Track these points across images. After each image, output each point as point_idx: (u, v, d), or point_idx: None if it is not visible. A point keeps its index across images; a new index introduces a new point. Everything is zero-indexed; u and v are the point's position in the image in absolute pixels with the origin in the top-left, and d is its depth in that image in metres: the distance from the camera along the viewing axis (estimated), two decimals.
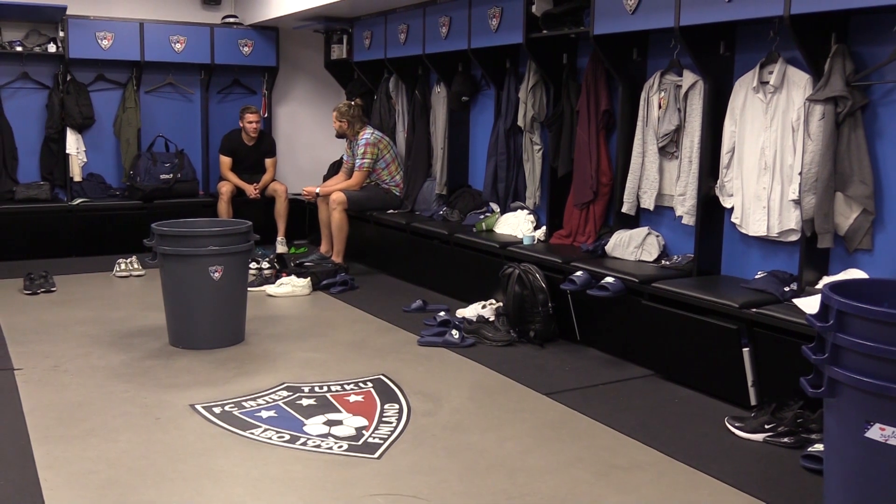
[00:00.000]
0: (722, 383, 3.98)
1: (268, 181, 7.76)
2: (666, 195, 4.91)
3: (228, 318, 4.77)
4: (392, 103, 7.45)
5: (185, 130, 8.09)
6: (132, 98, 7.68)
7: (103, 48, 7.44)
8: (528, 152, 5.89)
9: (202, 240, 4.57)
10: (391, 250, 6.84)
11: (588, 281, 4.62)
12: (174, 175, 7.62)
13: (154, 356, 4.55)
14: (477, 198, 6.48)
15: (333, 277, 6.31)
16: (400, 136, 7.35)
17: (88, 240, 7.34)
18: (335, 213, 6.74)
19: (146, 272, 6.60)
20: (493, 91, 6.33)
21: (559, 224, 5.57)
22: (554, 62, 5.51)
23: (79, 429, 3.51)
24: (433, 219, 6.59)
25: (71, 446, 3.34)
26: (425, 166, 7.02)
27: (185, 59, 7.78)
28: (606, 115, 5.22)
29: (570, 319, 4.88)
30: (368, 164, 6.90)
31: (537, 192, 5.87)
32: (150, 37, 7.59)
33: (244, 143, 7.73)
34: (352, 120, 6.95)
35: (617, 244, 4.96)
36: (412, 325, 5.23)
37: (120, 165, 7.79)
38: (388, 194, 7.04)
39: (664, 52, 4.86)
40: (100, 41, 7.42)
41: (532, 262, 5.05)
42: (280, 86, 8.53)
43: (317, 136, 8.76)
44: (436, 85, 6.96)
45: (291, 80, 8.62)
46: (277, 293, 6.05)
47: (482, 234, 5.88)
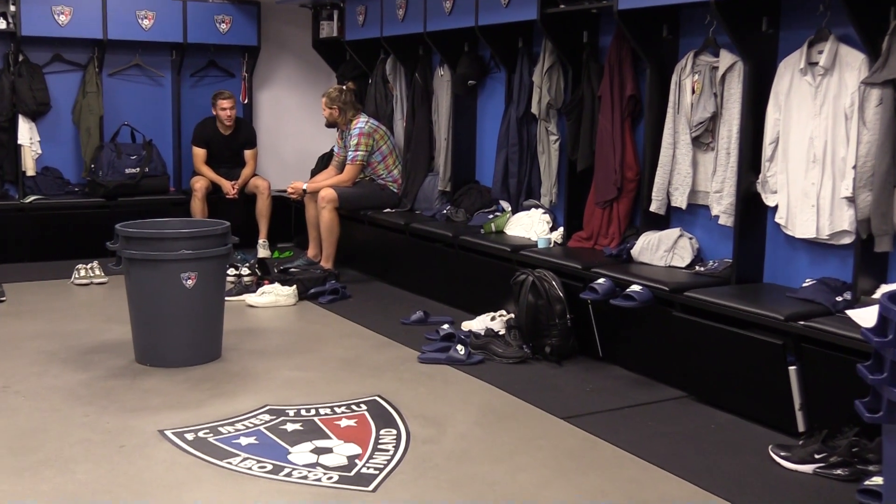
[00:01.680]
0: (765, 406, 3.97)
1: (248, 176, 7.77)
2: (700, 192, 4.90)
3: (203, 331, 4.76)
4: (389, 88, 7.46)
5: (154, 118, 8.09)
6: (93, 82, 7.68)
7: (60, 24, 7.45)
8: (543, 143, 5.88)
9: (173, 242, 4.56)
10: (388, 255, 6.83)
11: (611, 289, 4.61)
12: (141, 169, 7.63)
13: (118, 375, 4.54)
14: (485, 195, 6.47)
15: (322, 285, 6.30)
16: (398, 125, 7.35)
17: (43, 243, 7.35)
18: (324, 213, 6.74)
19: (109, 279, 6.61)
20: (503, 74, 6.33)
21: (578, 225, 5.56)
22: (572, 41, 5.50)
23: (31, 459, 3.51)
24: (435, 219, 6.59)
25: (21, 479, 3.33)
26: (426, 159, 7.02)
27: (153, 38, 7.79)
28: (632, 101, 5.21)
29: (592, 333, 4.87)
30: (362, 157, 6.90)
31: (554, 189, 5.86)
32: (113, 12, 7.60)
33: (220, 132, 7.74)
34: (343, 106, 6.96)
35: (644, 248, 4.95)
36: (412, 339, 5.23)
37: (79, 158, 7.80)
38: (384, 191, 7.04)
39: (698, 29, 4.85)
40: (56, 16, 7.43)
41: (548, 267, 5.05)
42: (262, 68, 8.54)
43: (304, 125, 8.76)
44: (439, 67, 6.96)
45: (275, 61, 8.62)
46: (259, 303, 6.05)
47: (491, 236, 5.88)
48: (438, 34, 6.53)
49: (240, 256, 6.95)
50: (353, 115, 6.98)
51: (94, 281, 6.60)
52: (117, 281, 6.06)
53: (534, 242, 5.60)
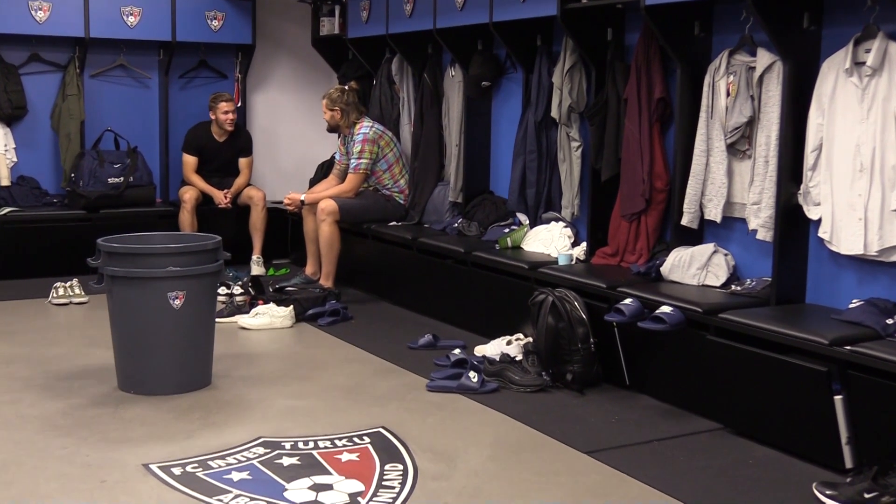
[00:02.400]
0: (809, 440, 3.95)
1: (241, 185, 7.79)
2: (736, 204, 4.89)
3: (192, 355, 4.76)
4: (395, 90, 7.48)
5: (140, 123, 8.13)
6: (74, 83, 7.72)
7: (38, 21, 7.49)
8: (564, 150, 5.88)
9: (159, 259, 4.57)
10: (394, 272, 6.83)
11: (639, 311, 4.60)
12: (125, 178, 7.65)
13: (99, 403, 4.54)
14: (501, 207, 6.47)
15: (322, 306, 6.30)
16: (405, 130, 7.37)
17: (18, 259, 7.36)
18: (324, 226, 6.75)
19: (90, 299, 6.61)
20: (520, 74, 6.34)
21: (603, 240, 5.56)
22: (596, 39, 5.51)
23: (2, 495, 3.50)
24: (446, 233, 6.59)
25: None
26: (436, 168, 7.03)
27: (139, 36, 7.83)
28: (661, 105, 5.21)
29: (617, 359, 4.86)
30: (366, 165, 6.91)
31: (576, 200, 5.86)
32: (96, 8, 7.64)
33: (214, 138, 7.78)
34: (346, 108, 6.97)
35: (675, 265, 4.94)
36: (420, 365, 5.22)
37: (58, 166, 7.82)
38: (389, 202, 7.05)
39: (733, 25, 4.85)
40: (34, 12, 7.47)
41: (569, 286, 5.04)
42: (257, 68, 8.57)
43: (302, 130, 8.79)
44: (449, 67, 6.97)
45: (271, 61, 8.66)
46: (252, 325, 6.05)
47: (507, 252, 5.88)
48: (449, 31, 6.54)
49: (232, 274, 6.94)
50: (357, 119, 7.00)
51: (73, 300, 6.61)
52: (99, 300, 6.06)
53: (554, 259, 5.60)
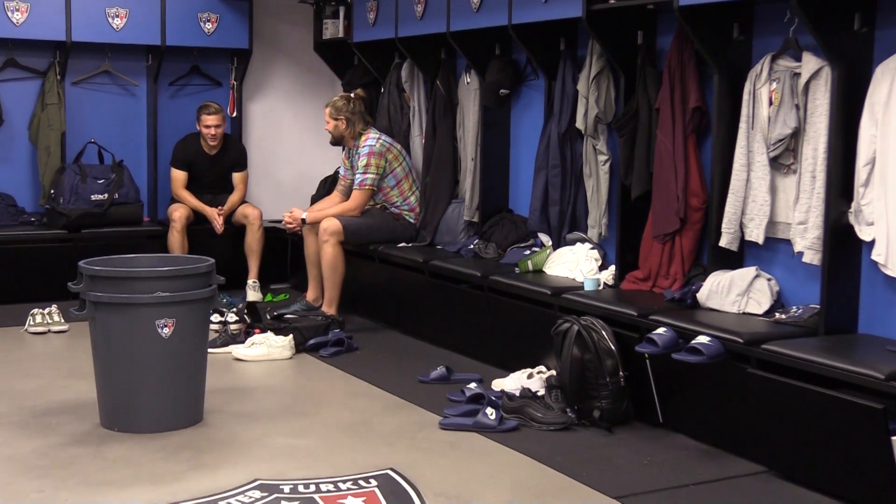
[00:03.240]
0: (862, 484, 3.92)
1: (235, 203, 7.82)
2: (780, 223, 4.89)
3: (182, 389, 4.77)
4: (405, 98, 7.50)
5: (126, 135, 8.15)
6: (54, 91, 7.74)
7: (15, 23, 7.53)
8: (590, 165, 5.89)
9: (147, 283, 4.58)
10: (403, 298, 6.84)
11: (673, 341, 4.59)
12: (110, 195, 7.67)
13: (80, 442, 4.54)
14: (521, 227, 6.48)
15: (324, 335, 6.31)
16: (416, 143, 7.38)
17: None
18: (327, 248, 6.76)
19: (70, 327, 6.63)
20: (542, 82, 6.35)
21: (634, 263, 5.56)
22: (625, 42, 5.53)
23: None
24: (461, 255, 6.60)
25: None
26: (450, 183, 7.05)
27: (126, 40, 7.86)
28: (697, 115, 5.22)
29: (650, 394, 4.85)
30: (372, 181, 6.93)
31: (603, 220, 5.86)
32: (78, 9, 7.66)
33: (204, 151, 7.80)
34: (351, 118, 7.00)
35: (713, 291, 4.94)
36: (432, 400, 5.22)
37: (37, 182, 7.84)
38: (398, 221, 7.07)
39: (776, 28, 4.86)
40: (10, 14, 7.50)
41: (597, 314, 5.04)
42: (254, 75, 8.60)
43: (303, 143, 8.81)
44: (464, 73, 7.00)
45: (269, 67, 8.69)
46: (248, 356, 6.06)
47: (528, 276, 5.88)
48: (464, 35, 6.57)
49: (226, 300, 6.95)
50: (363, 130, 7.02)
51: (52, 329, 6.63)
52: (80, 329, 6.08)
53: (580, 284, 5.59)
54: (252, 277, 7.71)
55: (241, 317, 6.49)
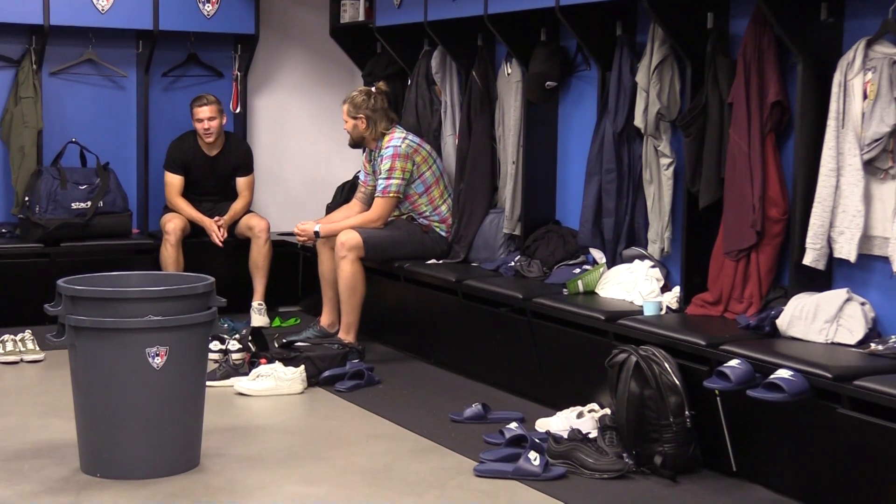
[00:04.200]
0: None
1: (239, 212, 7.85)
2: (876, 238, 4.85)
3: (175, 429, 4.76)
4: (436, 92, 7.50)
5: (113, 134, 8.20)
6: (29, 83, 7.77)
7: None
8: (650, 169, 5.87)
9: (136, 305, 4.59)
10: (433, 323, 6.84)
11: (749, 375, 4.56)
12: (94, 203, 7.71)
13: (57, 490, 4.54)
14: (570, 241, 6.47)
15: (341, 366, 6.32)
16: (448, 143, 7.39)
17: None
18: (345, 265, 6.77)
19: (46, 356, 6.64)
20: (594, 72, 6.34)
21: (702, 283, 5.54)
22: (693, 27, 5.51)
23: None
24: (500, 274, 6.60)
25: None
26: (487, 190, 7.04)
27: (112, 23, 7.90)
28: (777, 110, 5.20)
29: (721, 437, 4.82)
30: (397, 187, 6.94)
31: (666, 233, 5.83)
32: None
33: (203, 153, 7.84)
34: (372, 115, 7.01)
35: (796, 317, 4.91)
36: (466, 443, 5.22)
37: (9, 188, 7.87)
38: (427, 234, 7.07)
39: (872, 8, 4.83)
40: None
41: (658, 343, 5.02)
42: (261, 65, 8.64)
43: (317, 143, 8.84)
44: (505, 63, 7.00)
45: (278, 55, 8.73)
46: (253, 390, 6.07)
47: (578, 298, 5.87)
48: (505, 18, 6.57)
49: (227, 325, 6.97)
50: (386, 129, 7.04)
51: (25, 358, 6.65)
52: (58, 358, 6.10)
53: (638, 308, 5.58)
54: (257, 299, 7.73)
55: (244, 345, 6.50)
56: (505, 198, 6.92)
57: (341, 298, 6.84)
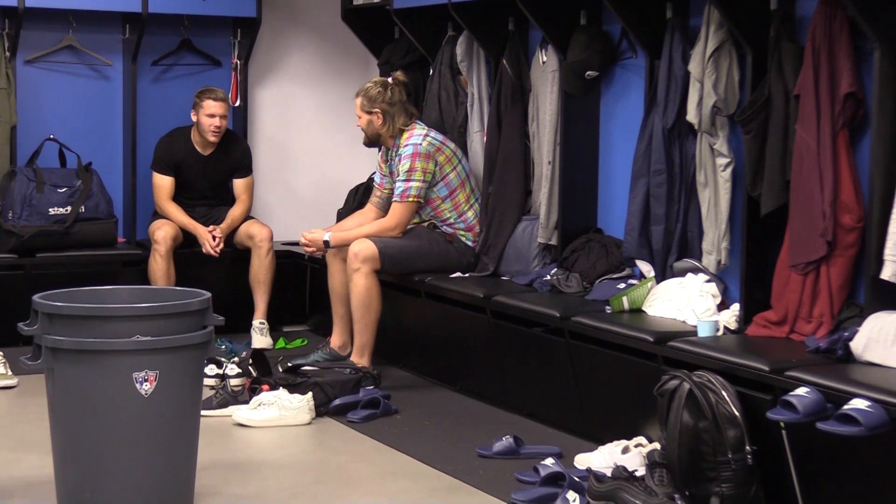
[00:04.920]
0: None
1: (237, 219, 7.87)
2: None
3: (166, 464, 4.74)
4: (461, 83, 7.50)
5: (97, 130, 8.25)
6: (2, 72, 7.79)
7: None
8: (706, 170, 5.85)
9: (122, 324, 4.58)
10: (458, 345, 6.84)
11: (819, 406, 4.53)
12: (74, 209, 7.73)
13: None
14: (614, 252, 6.46)
15: (354, 393, 6.31)
16: (475, 141, 7.39)
17: None
18: (358, 278, 6.77)
19: (20, 381, 6.66)
20: (642, 60, 6.34)
21: (764, 300, 5.53)
22: (754, 8, 5.50)
23: None
24: (534, 289, 6.60)
25: None
26: (519, 194, 7.05)
27: (96, 5, 7.94)
28: (851, 103, 5.18)
29: (787, 476, 4.79)
30: (418, 191, 6.94)
31: (723, 243, 5.81)
32: None
33: (196, 151, 7.87)
34: (389, 111, 7.01)
35: (873, 339, 4.88)
36: (495, 481, 5.21)
37: None
38: (452, 244, 7.07)
39: None
40: None
41: (715, 369, 5.00)
42: (263, 52, 8.66)
43: (327, 141, 8.86)
44: (539, 50, 7.00)
45: (283, 41, 8.75)
46: (254, 421, 6.07)
47: (623, 317, 5.87)
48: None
49: (225, 347, 6.97)
50: (405, 125, 7.04)
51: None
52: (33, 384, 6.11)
53: (692, 328, 5.56)
54: (259, 317, 7.75)
55: (244, 369, 6.50)
56: (539, 203, 6.90)
57: (354, 317, 6.84)
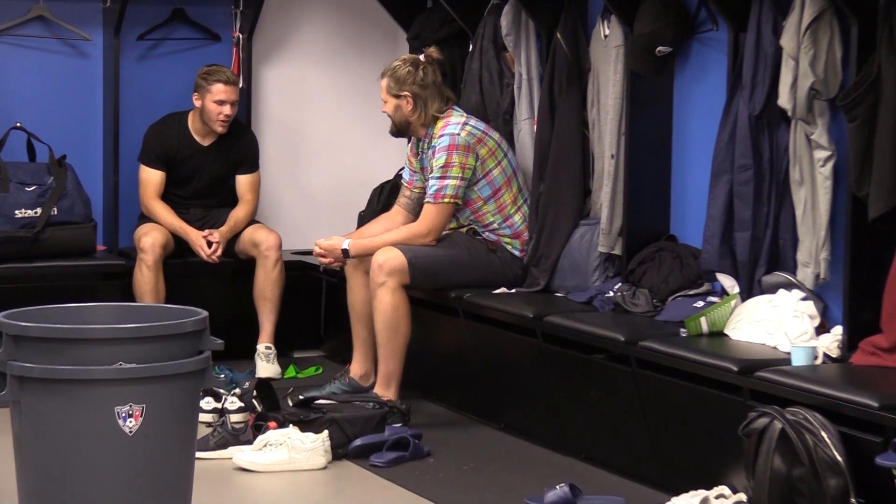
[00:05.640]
0: None
1: (241, 223, 7.90)
2: None
3: None
4: (507, 61, 7.50)
5: (72, 117, 8.31)
6: None
7: None
8: (801, 165, 5.82)
9: (102, 348, 4.58)
10: (502, 375, 6.85)
11: None
12: (45, 210, 7.76)
13: None
14: (690, 263, 6.44)
15: (378, 432, 6.32)
16: (524, 131, 7.40)
17: None
18: (383, 295, 6.78)
19: None
20: (724, 34, 6.34)
21: (873, 322, 5.51)
22: None
23: None
24: (593, 307, 6.60)
25: None
26: (576, 195, 7.05)
27: None
28: None
29: None
30: (455, 190, 6.94)
31: (823, 253, 5.78)
32: None
33: (193, 140, 7.92)
34: (421, 94, 7.02)
35: None
36: None
37: None
38: (495, 254, 7.08)
39: None
40: None
41: (813, 405, 4.98)
42: (270, 25, 8.69)
43: (346, 131, 8.88)
44: (600, 22, 7.00)
45: (293, 12, 8.78)
46: (260, 465, 6.07)
47: (701, 341, 5.86)
48: None
49: (224, 375, 6.98)
50: (440, 112, 7.05)
51: None
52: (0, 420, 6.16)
53: (785, 355, 5.54)
54: (265, 341, 7.77)
55: (247, 402, 6.51)
56: (601, 204, 6.91)
57: (378, 340, 6.86)
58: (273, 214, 8.47)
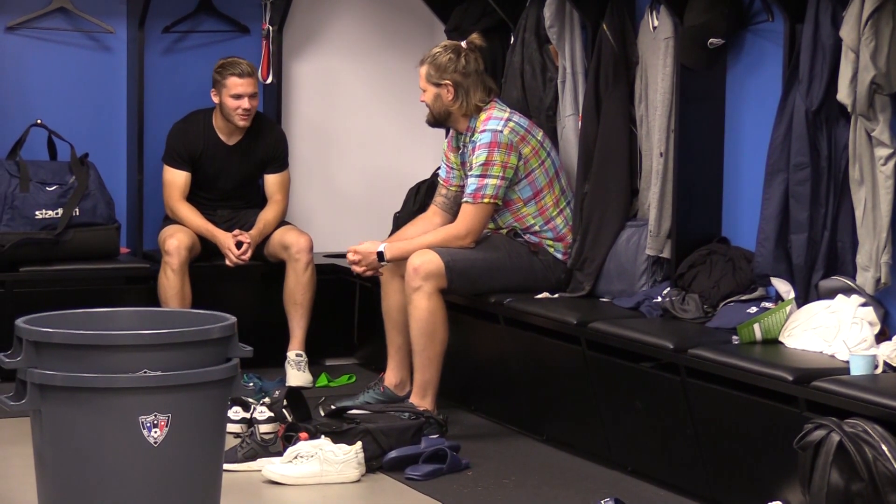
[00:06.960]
0: None
1: (271, 224, 7.92)
2: None
3: None
4: (550, 54, 7.50)
5: (95, 113, 8.33)
6: None
7: None
8: (861, 164, 5.81)
9: (126, 355, 4.59)
10: (545, 385, 6.85)
11: None
12: (67, 212, 7.79)
13: None
14: (743, 267, 6.44)
15: (414, 443, 6.32)
16: (567, 128, 7.40)
17: None
18: (419, 300, 6.78)
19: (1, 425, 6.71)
20: (779, 24, 6.33)
21: None
22: None
23: None
24: (641, 313, 6.60)
25: None
26: (623, 195, 7.05)
27: None
28: None
29: None
30: (495, 190, 6.94)
31: (884, 256, 5.77)
32: None
33: (219, 139, 7.94)
34: (463, 83, 7.02)
35: None
36: None
37: None
38: (537, 257, 7.08)
39: None
40: None
41: (873, 416, 4.97)
42: (301, 15, 8.70)
43: (381, 127, 8.89)
44: (649, 13, 7.00)
45: (326, 3, 8.78)
46: (289, 477, 6.08)
47: (754, 349, 5.85)
48: None
49: (253, 384, 7.00)
50: (482, 103, 7.06)
51: None
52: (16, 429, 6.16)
53: (843, 364, 5.52)
54: (296, 348, 7.79)
55: (277, 412, 6.52)
56: (648, 205, 6.91)
57: (414, 348, 6.86)
58: (303, 216, 8.48)
